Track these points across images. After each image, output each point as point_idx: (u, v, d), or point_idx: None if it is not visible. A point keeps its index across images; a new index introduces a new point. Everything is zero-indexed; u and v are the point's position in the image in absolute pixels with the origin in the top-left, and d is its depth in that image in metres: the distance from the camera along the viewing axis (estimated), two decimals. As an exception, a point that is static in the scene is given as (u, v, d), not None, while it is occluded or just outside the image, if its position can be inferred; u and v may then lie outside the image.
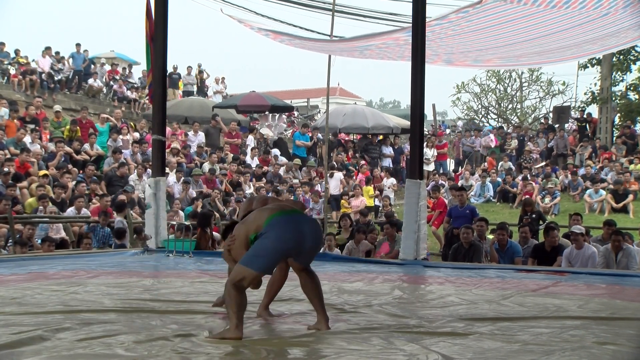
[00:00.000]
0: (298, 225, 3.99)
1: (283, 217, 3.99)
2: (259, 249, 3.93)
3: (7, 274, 6.46)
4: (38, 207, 11.36)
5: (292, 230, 3.96)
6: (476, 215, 11.19)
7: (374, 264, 8.12)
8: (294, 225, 3.98)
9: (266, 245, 3.92)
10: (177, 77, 24.88)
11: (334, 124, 20.48)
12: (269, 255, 3.93)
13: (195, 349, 3.67)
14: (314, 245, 4.12)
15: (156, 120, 9.34)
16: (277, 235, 3.92)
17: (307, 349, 3.74)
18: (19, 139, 13.80)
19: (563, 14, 7.87)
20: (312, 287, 4.18)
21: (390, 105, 70.76)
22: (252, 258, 3.92)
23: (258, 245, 3.94)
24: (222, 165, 16.43)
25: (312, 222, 4.22)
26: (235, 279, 3.90)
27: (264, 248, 3.92)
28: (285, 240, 3.94)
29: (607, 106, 22.55)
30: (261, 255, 3.91)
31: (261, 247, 3.92)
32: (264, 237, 3.93)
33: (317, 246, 4.19)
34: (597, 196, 16.39)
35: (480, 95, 32.63)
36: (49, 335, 3.81)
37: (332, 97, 20.56)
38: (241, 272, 3.90)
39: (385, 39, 9.39)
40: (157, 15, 9.00)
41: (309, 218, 4.18)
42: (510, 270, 7.49)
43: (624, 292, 6.01)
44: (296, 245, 3.99)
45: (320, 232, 4.30)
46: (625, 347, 3.81)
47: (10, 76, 20.28)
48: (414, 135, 8.57)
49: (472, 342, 3.87)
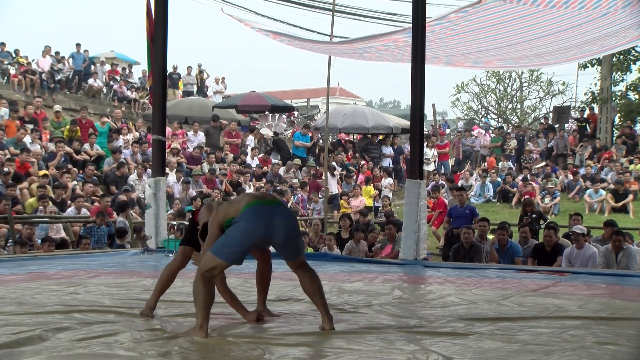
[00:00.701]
0: (270, 215, 3.94)
1: (256, 207, 3.95)
2: (229, 239, 3.90)
3: (7, 274, 6.46)
4: (38, 207, 11.37)
5: (263, 220, 3.92)
6: (476, 215, 11.19)
7: (374, 264, 8.11)
8: (266, 215, 3.93)
9: (236, 235, 3.89)
10: (177, 77, 24.90)
11: (334, 124, 20.47)
12: (238, 246, 3.90)
13: (195, 349, 3.66)
14: (288, 236, 4.00)
15: (156, 120, 9.34)
16: (246, 226, 3.89)
17: (307, 349, 3.74)
18: (19, 139, 13.81)
19: (562, 14, 7.87)
20: (310, 285, 4.15)
21: (390, 105, 70.76)
22: (223, 248, 3.89)
23: (229, 235, 3.92)
24: (222, 166, 16.44)
25: (287, 213, 4.10)
26: (204, 267, 3.87)
27: (233, 238, 3.89)
28: (253, 231, 3.90)
29: (607, 106, 22.55)
30: (231, 246, 3.89)
31: (231, 237, 3.90)
32: (235, 226, 3.90)
33: (291, 237, 4.04)
34: (597, 196, 16.39)
35: (480, 96, 32.65)
36: (48, 335, 3.81)
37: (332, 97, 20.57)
38: (211, 261, 3.88)
39: (385, 41, 9.39)
40: (157, 15, 8.99)
41: (284, 209, 4.07)
42: (510, 270, 7.49)
43: (624, 292, 6.00)
44: (267, 236, 3.94)
45: (296, 223, 4.21)
46: (626, 347, 3.80)
47: (11, 76, 20.29)
48: (414, 135, 8.57)
49: (472, 342, 3.87)
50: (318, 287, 4.17)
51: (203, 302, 3.85)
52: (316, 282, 4.17)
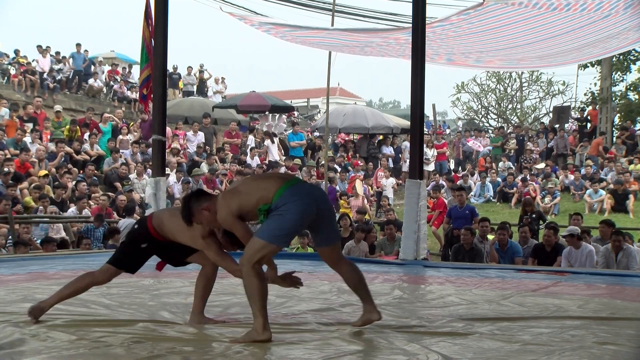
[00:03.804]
0: (313, 193, 3.83)
1: (298, 186, 3.77)
2: (282, 222, 3.65)
3: (8, 274, 6.46)
4: (38, 207, 11.37)
5: (311, 197, 3.75)
6: (476, 215, 11.19)
7: (374, 264, 8.11)
8: (310, 193, 3.78)
9: (289, 217, 3.65)
10: (177, 77, 24.90)
11: (334, 124, 20.48)
12: (293, 228, 3.73)
13: (195, 349, 3.66)
14: (331, 214, 3.97)
15: (156, 120, 9.34)
16: (301, 207, 3.67)
17: (307, 349, 3.73)
18: (18, 139, 13.81)
19: (564, 16, 7.88)
20: (357, 278, 4.05)
21: (390, 105, 70.75)
22: (275, 231, 3.63)
23: (279, 219, 3.65)
24: (221, 166, 16.45)
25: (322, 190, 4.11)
26: (254, 257, 3.61)
27: (287, 220, 3.65)
28: (307, 210, 3.70)
29: (607, 106, 22.55)
30: (285, 228, 3.65)
31: (285, 220, 3.65)
32: (285, 208, 3.65)
33: (332, 216, 4.03)
34: (597, 196, 16.39)
35: (480, 96, 32.64)
36: (48, 335, 3.81)
37: (332, 97, 20.59)
38: (262, 248, 3.62)
39: (387, 38, 9.39)
40: (157, 15, 8.99)
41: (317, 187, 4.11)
42: (510, 270, 7.49)
43: (624, 292, 6.01)
44: (317, 214, 3.77)
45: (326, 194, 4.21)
46: (626, 347, 3.81)
47: (11, 76, 20.29)
48: (414, 135, 8.57)
49: (472, 342, 3.87)
50: (363, 282, 4.07)
51: (260, 298, 3.62)
52: (361, 277, 4.07)
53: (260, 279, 3.66)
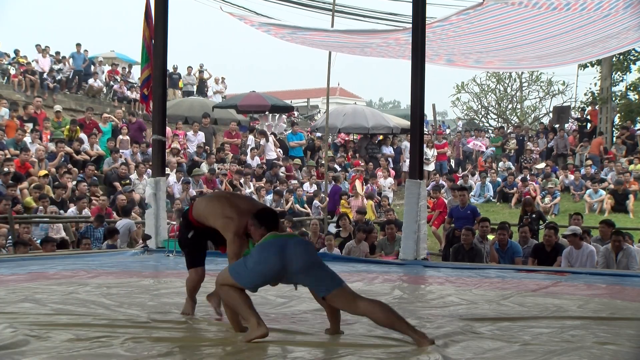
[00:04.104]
0: (284, 246, 3.81)
1: (271, 240, 3.86)
2: (245, 266, 3.83)
3: (8, 274, 6.46)
4: (38, 207, 11.37)
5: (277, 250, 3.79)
6: (478, 215, 11.18)
7: (374, 264, 8.12)
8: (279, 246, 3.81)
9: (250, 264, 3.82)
10: (177, 77, 24.90)
11: (334, 124, 20.47)
12: (251, 276, 3.80)
13: (196, 349, 3.67)
14: (306, 267, 3.84)
15: (156, 120, 9.34)
16: (258, 257, 3.80)
17: (307, 349, 3.73)
18: (18, 139, 13.81)
19: (563, 16, 7.87)
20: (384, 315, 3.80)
21: (390, 105, 70.77)
22: (241, 270, 3.82)
23: (246, 262, 3.85)
24: (221, 166, 16.45)
25: (303, 244, 3.92)
26: (224, 283, 3.86)
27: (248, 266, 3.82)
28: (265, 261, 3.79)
29: (607, 106, 22.55)
30: (245, 272, 3.81)
31: (247, 264, 3.83)
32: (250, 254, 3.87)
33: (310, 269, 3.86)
34: (597, 196, 16.39)
35: (480, 96, 32.64)
36: (49, 335, 3.81)
37: (332, 97, 20.57)
38: (229, 279, 3.84)
39: (387, 39, 9.39)
40: (157, 15, 9.00)
41: (301, 241, 3.91)
42: (510, 270, 7.50)
43: (624, 292, 6.01)
44: (282, 268, 3.79)
45: (314, 253, 3.98)
46: (626, 347, 3.81)
47: (11, 76, 20.29)
48: (414, 135, 8.57)
49: (472, 342, 3.88)
50: (393, 313, 3.83)
51: (243, 303, 3.80)
52: (387, 310, 3.85)
53: (235, 290, 3.83)
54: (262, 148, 18.31)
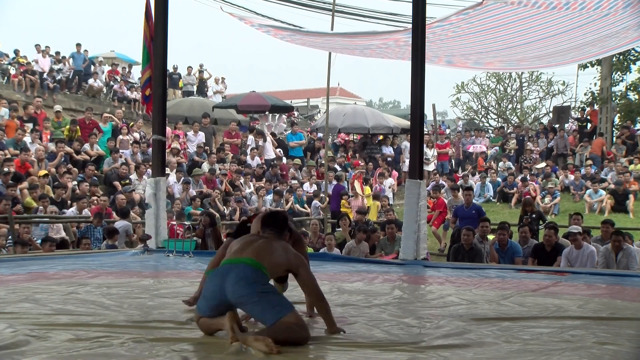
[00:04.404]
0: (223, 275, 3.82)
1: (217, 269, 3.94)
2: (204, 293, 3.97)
3: (8, 274, 6.46)
4: (38, 207, 11.37)
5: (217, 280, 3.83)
6: (483, 215, 11.22)
7: (374, 264, 8.11)
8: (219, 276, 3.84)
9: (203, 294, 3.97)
10: (177, 77, 24.90)
11: (334, 124, 20.48)
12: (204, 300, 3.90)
13: (195, 349, 3.67)
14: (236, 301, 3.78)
15: (156, 120, 9.34)
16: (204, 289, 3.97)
17: (308, 349, 3.73)
18: (18, 139, 13.81)
19: (563, 15, 7.87)
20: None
21: (390, 105, 70.80)
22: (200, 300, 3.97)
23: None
24: (221, 166, 16.45)
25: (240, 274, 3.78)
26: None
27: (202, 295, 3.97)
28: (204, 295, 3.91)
29: (607, 106, 22.55)
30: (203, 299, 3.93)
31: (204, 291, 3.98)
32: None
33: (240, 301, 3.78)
34: (597, 196, 16.39)
35: (480, 96, 32.65)
36: (49, 335, 3.81)
37: (332, 97, 20.58)
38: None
39: (386, 40, 9.39)
40: (157, 15, 9.00)
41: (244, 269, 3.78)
42: (510, 270, 7.49)
43: (624, 292, 6.01)
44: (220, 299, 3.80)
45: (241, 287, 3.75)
46: (626, 347, 3.81)
47: (11, 76, 20.29)
48: (414, 135, 8.57)
49: (472, 342, 3.87)
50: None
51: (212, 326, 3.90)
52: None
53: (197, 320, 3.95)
54: (261, 148, 18.32)
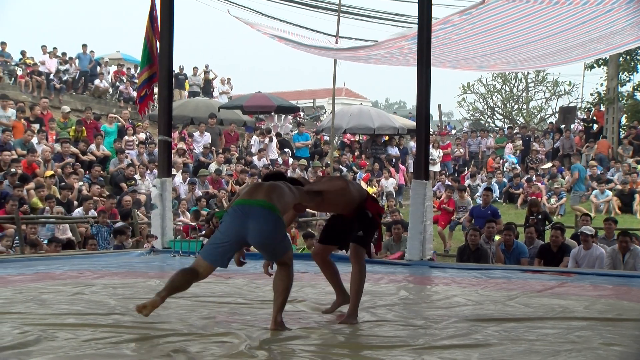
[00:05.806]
0: (246, 215, 3.96)
1: (237, 207, 4.03)
2: (212, 240, 4.06)
3: (15, 274, 6.49)
4: (44, 207, 11.40)
5: (238, 219, 3.97)
6: (498, 216, 11.24)
7: (379, 265, 8.11)
8: (241, 216, 3.97)
9: (215, 236, 4.06)
10: (183, 78, 24.92)
11: (340, 125, 20.47)
12: (217, 248, 4.00)
13: (201, 349, 3.67)
14: (259, 241, 4.03)
15: (162, 121, 9.35)
16: (222, 226, 4.03)
17: (309, 349, 3.73)
18: (26, 140, 13.84)
19: (566, 10, 7.84)
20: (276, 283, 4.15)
21: (396, 106, 70.71)
22: (207, 247, 4.05)
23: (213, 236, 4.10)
24: (228, 166, 16.47)
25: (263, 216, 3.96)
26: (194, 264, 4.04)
27: (214, 236, 4.07)
28: (225, 231, 4.00)
29: (613, 107, 22.47)
30: (212, 245, 4.02)
31: (213, 238, 4.07)
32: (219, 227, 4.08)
33: (263, 242, 4.04)
34: (603, 197, 16.34)
35: (486, 96, 32.58)
36: (55, 335, 3.83)
37: (338, 98, 20.61)
38: (197, 261, 4.05)
39: (390, 48, 9.38)
40: (163, 16, 9.01)
41: (261, 212, 3.95)
42: (516, 270, 7.48)
43: (630, 293, 5.98)
44: (239, 237, 3.99)
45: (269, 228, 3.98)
46: (632, 348, 3.80)
47: (17, 77, 20.36)
48: (419, 136, 8.56)
49: (478, 343, 3.87)
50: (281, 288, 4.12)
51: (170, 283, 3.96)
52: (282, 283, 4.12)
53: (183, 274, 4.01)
54: (265, 147, 18.31)
